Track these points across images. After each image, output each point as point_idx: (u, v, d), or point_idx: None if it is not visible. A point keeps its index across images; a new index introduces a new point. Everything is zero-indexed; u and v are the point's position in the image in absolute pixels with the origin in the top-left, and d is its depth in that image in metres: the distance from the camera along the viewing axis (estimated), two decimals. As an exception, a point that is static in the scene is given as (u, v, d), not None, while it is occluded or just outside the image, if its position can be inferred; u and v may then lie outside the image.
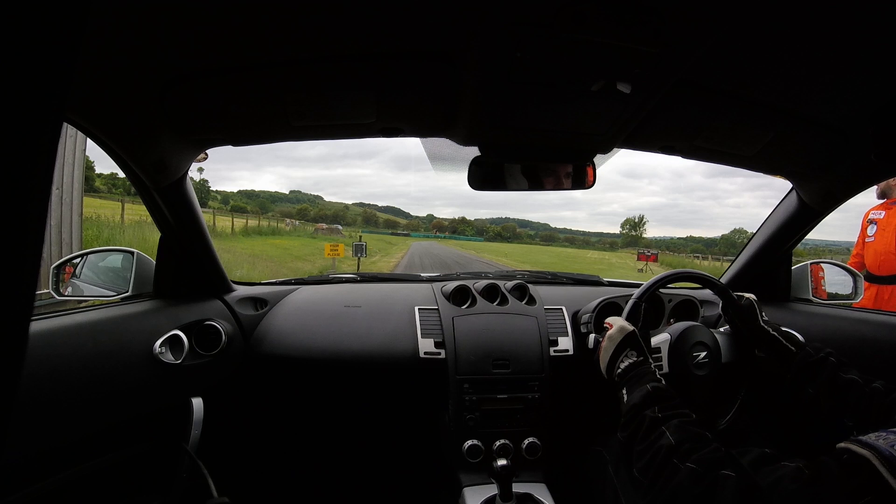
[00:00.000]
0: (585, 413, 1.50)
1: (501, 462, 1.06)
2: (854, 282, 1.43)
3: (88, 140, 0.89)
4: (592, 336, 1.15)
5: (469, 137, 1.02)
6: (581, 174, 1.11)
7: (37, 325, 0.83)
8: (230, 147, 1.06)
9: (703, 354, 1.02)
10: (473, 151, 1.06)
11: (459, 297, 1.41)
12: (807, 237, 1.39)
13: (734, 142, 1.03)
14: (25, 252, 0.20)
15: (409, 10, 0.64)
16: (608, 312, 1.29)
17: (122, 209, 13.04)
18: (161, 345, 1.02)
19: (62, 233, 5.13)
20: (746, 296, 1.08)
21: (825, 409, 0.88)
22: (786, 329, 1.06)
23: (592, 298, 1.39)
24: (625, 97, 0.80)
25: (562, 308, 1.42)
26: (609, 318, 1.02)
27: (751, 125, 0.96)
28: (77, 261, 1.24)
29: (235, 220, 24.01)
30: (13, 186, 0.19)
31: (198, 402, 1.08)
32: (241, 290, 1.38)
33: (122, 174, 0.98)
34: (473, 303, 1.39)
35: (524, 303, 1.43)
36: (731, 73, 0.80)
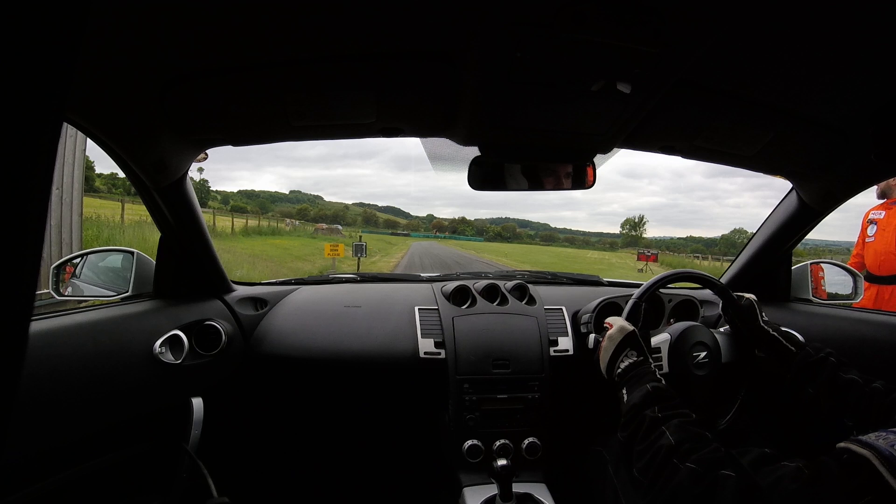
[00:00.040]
0: (585, 413, 1.50)
1: (501, 462, 1.06)
2: (854, 282, 1.43)
3: (88, 140, 0.89)
4: (592, 336, 1.15)
5: (469, 137, 1.02)
6: (581, 174, 1.11)
7: (37, 325, 0.83)
8: (230, 147, 1.06)
9: (703, 354, 1.02)
10: (473, 151, 1.06)
11: (459, 297, 1.41)
12: (807, 237, 1.39)
13: (734, 142, 1.03)
14: (25, 252, 0.20)
15: (409, 10, 0.64)
16: (608, 312, 1.29)
17: (122, 209, 13.04)
18: (161, 345, 1.02)
19: (62, 233, 5.14)
20: (746, 296, 1.08)
21: (825, 409, 0.88)
22: (786, 329, 1.06)
23: (592, 298, 1.39)
24: (625, 97, 0.80)
25: (562, 308, 1.42)
26: (609, 318, 1.02)
27: (751, 125, 0.96)
28: (77, 261, 1.24)
29: (235, 220, 23.99)
30: (13, 186, 0.19)
31: (198, 402, 1.08)
32: (241, 290, 1.38)
33: (122, 174, 0.98)
34: (473, 303, 1.39)
35: (524, 303, 1.43)
36: (731, 73, 0.80)
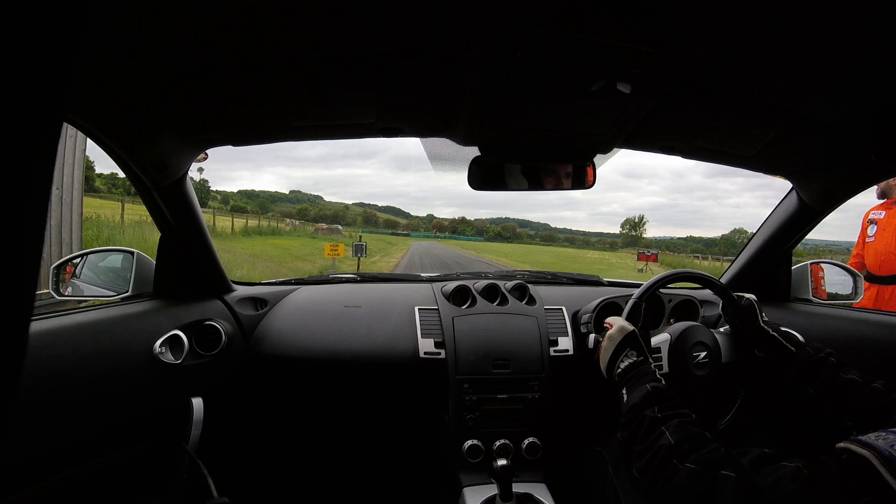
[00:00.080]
0: (585, 413, 1.50)
1: (501, 462, 1.06)
2: (854, 282, 1.43)
3: (88, 140, 0.89)
4: (592, 336, 1.14)
5: (469, 137, 1.02)
6: (581, 174, 1.11)
7: (37, 325, 0.83)
8: (230, 147, 1.06)
9: (703, 354, 1.02)
10: (473, 151, 1.06)
11: (459, 297, 1.41)
12: (807, 237, 1.39)
13: (734, 142, 1.03)
14: (25, 252, 0.20)
15: (409, 10, 0.64)
16: (608, 312, 1.29)
17: (122, 209, 13.04)
18: (161, 345, 1.02)
19: (62, 233, 5.13)
20: (746, 296, 1.08)
21: (825, 409, 0.88)
22: (786, 329, 1.05)
23: (592, 298, 1.39)
24: (625, 97, 0.80)
25: (562, 308, 1.42)
26: (609, 318, 1.02)
27: (751, 125, 0.96)
28: (77, 261, 1.24)
29: (235, 220, 23.98)
30: (13, 186, 0.19)
31: (198, 402, 1.08)
32: (241, 290, 1.38)
33: (122, 174, 0.98)
34: (473, 303, 1.39)
35: (524, 303, 1.43)
36: (731, 73, 0.80)
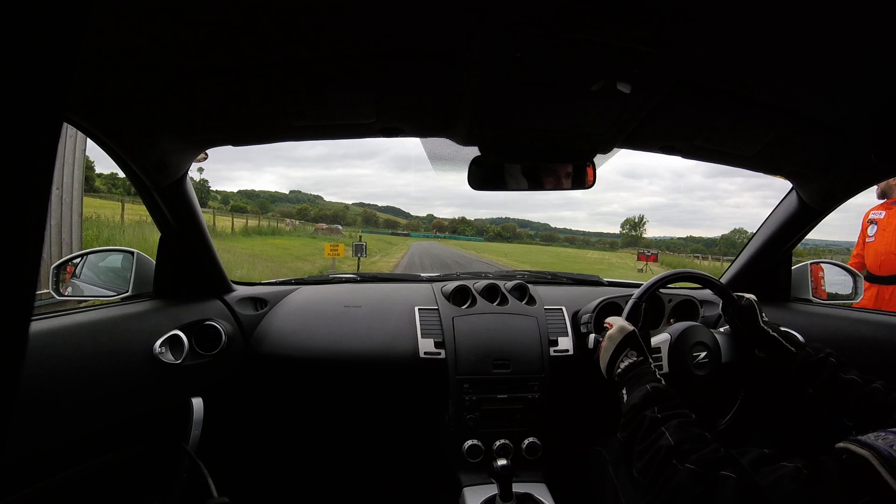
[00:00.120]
0: (585, 413, 1.50)
1: (501, 462, 1.06)
2: (854, 282, 1.43)
3: (88, 140, 0.89)
4: (592, 336, 1.14)
5: (469, 137, 1.02)
6: (581, 174, 1.11)
7: (37, 325, 0.83)
8: (230, 147, 1.06)
9: (703, 354, 1.02)
10: (473, 151, 1.06)
11: (459, 297, 1.41)
12: (807, 237, 1.39)
13: (734, 142, 1.03)
14: (25, 252, 0.20)
15: (409, 10, 0.64)
16: (608, 312, 1.29)
17: (122, 209, 13.04)
18: (161, 345, 1.02)
19: (62, 233, 5.13)
20: (746, 296, 1.08)
21: (825, 410, 0.88)
22: (786, 329, 1.06)
23: (592, 298, 1.39)
24: (625, 97, 0.80)
25: (562, 308, 1.42)
26: (609, 318, 1.02)
27: (751, 125, 0.96)
28: (77, 261, 1.24)
29: (235, 220, 23.98)
30: (13, 186, 0.19)
31: (198, 402, 1.08)
32: (241, 290, 1.38)
33: (122, 174, 0.98)
34: (473, 303, 1.39)
35: (524, 303, 1.43)
36: (731, 73, 0.80)
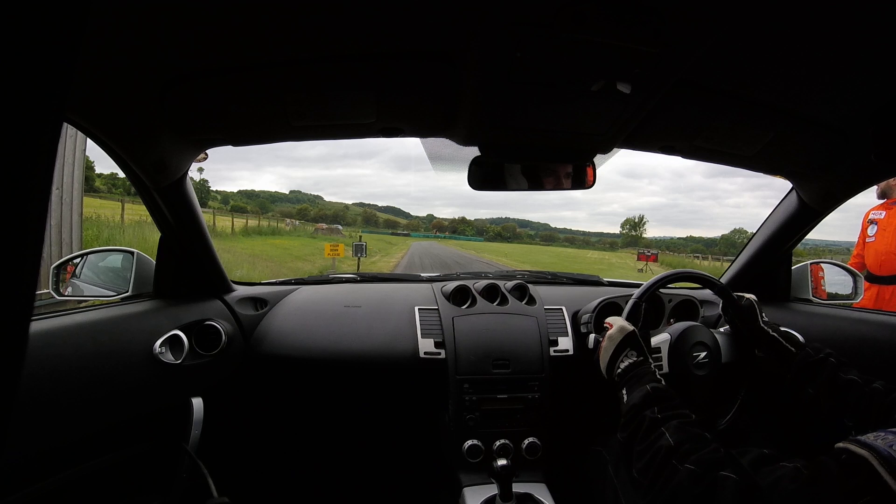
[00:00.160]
0: (585, 413, 1.50)
1: (501, 462, 1.06)
2: (854, 282, 1.43)
3: (88, 140, 0.89)
4: (592, 336, 1.14)
5: (469, 137, 1.02)
6: (581, 174, 1.11)
7: (37, 325, 0.83)
8: (230, 147, 1.06)
9: (703, 354, 1.02)
10: (473, 151, 1.06)
11: (459, 297, 1.41)
12: (807, 237, 1.39)
13: (734, 142, 1.03)
14: (25, 252, 0.20)
15: (409, 10, 0.64)
16: (608, 312, 1.29)
17: (122, 209, 13.04)
18: (161, 345, 1.02)
19: (62, 233, 5.13)
20: (746, 296, 1.08)
21: (825, 410, 0.88)
22: (786, 329, 1.06)
23: (592, 298, 1.39)
24: (625, 97, 0.80)
25: (562, 308, 1.42)
26: (609, 318, 1.02)
27: (751, 125, 0.96)
28: (77, 261, 1.24)
29: (235, 220, 23.99)
30: (13, 186, 0.19)
31: (198, 402, 1.08)
32: (241, 290, 1.38)
33: (122, 174, 0.98)
34: (473, 303, 1.39)
35: (524, 303, 1.43)
36: (731, 73, 0.80)
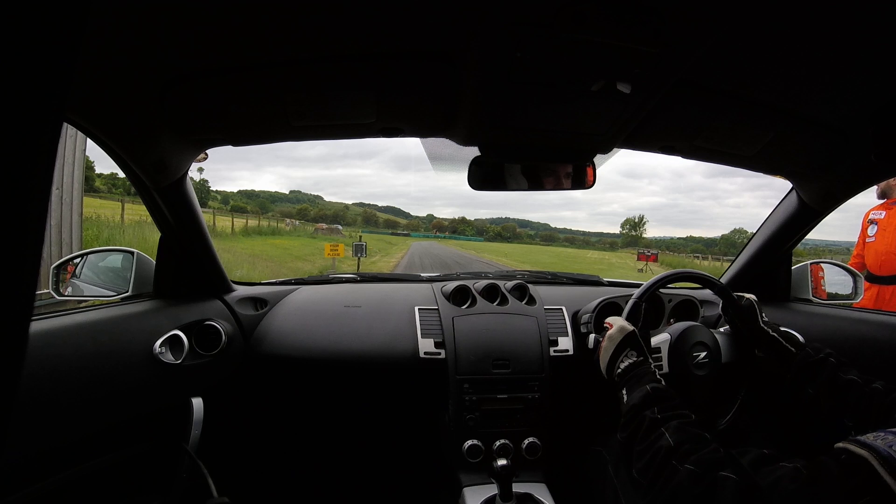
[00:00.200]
0: (585, 413, 1.50)
1: (501, 462, 1.06)
2: (854, 282, 1.43)
3: (88, 140, 0.89)
4: (592, 336, 1.14)
5: (469, 137, 1.02)
6: (581, 174, 1.11)
7: (37, 325, 0.83)
8: (230, 147, 1.06)
9: (703, 354, 1.02)
10: (473, 151, 1.06)
11: (459, 297, 1.41)
12: (807, 237, 1.39)
13: (734, 142, 1.03)
14: (25, 252, 0.20)
15: (409, 10, 0.64)
16: (608, 312, 1.29)
17: (122, 209, 13.04)
18: (161, 345, 1.02)
19: (62, 233, 5.13)
20: (746, 296, 1.08)
21: (825, 410, 0.88)
22: (786, 329, 1.05)
23: (592, 298, 1.39)
24: (625, 97, 0.80)
25: (562, 308, 1.42)
26: (609, 318, 1.02)
27: (751, 125, 0.96)
28: (77, 261, 1.24)
29: (235, 220, 24.00)
30: (13, 186, 0.19)
31: (198, 402, 1.08)
32: (241, 290, 1.38)
33: (122, 174, 0.98)
34: (473, 303, 1.39)
35: (524, 303, 1.43)
36: (731, 73, 0.80)
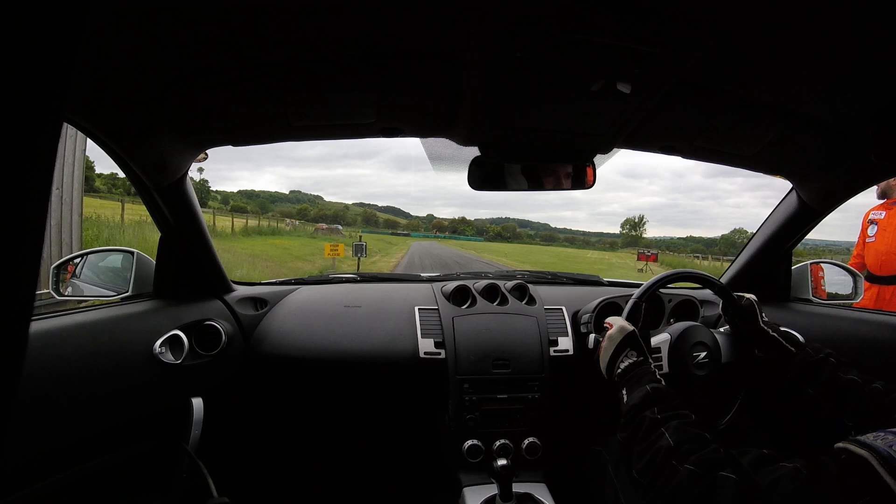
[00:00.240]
0: (585, 413, 1.50)
1: (501, 462, 1.06)
2: (854, 282, 1.43)
3: (88, 140, 0.89)
4: (592, 336, 1.14)
5: (469, 137, 1.02)
6: (581, 174, 1.11)
7: (37, 325, 0.83)
8: (230, 147, 1.06)
9: (703, 354, 1.02)
10: (473, 151, 1.06)
11: (459, 297, 1.41)
12: (807, 237, 1.39)
13: (734, 142, 1.03)
14: (25, 252, 0.20)
15: (409, 10, 0.64)
16: (608, 312, 1.29)
17: (122, 209, 13.05)
18: (161, 345, 1.02)
19: (62, 233, 5.13)
20: (747, 296, 1.08)
21: (825, 410, 0.88)
22: (786, 329, 1.06)
23: (592, 298, 1.39)
24: (625, 97, 0.80)
25: (562, 308, 1.42)
26: (609, 318, 1.02)
27: (751, 125, 0.96)
28: (77, 261, 1.24)
29: (235, 220, 24.00)
30: (13, 186, 0.19)
31: (198, 402, 1.08)
32: (241, 290, 1.38)
33: (122, 174, 0.99)
34: (473, 303, 1.39)
35: (524, 303, 1.43)
36: (731, 73, 0.80)
